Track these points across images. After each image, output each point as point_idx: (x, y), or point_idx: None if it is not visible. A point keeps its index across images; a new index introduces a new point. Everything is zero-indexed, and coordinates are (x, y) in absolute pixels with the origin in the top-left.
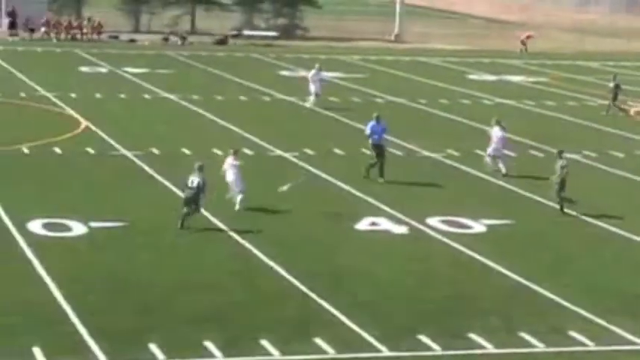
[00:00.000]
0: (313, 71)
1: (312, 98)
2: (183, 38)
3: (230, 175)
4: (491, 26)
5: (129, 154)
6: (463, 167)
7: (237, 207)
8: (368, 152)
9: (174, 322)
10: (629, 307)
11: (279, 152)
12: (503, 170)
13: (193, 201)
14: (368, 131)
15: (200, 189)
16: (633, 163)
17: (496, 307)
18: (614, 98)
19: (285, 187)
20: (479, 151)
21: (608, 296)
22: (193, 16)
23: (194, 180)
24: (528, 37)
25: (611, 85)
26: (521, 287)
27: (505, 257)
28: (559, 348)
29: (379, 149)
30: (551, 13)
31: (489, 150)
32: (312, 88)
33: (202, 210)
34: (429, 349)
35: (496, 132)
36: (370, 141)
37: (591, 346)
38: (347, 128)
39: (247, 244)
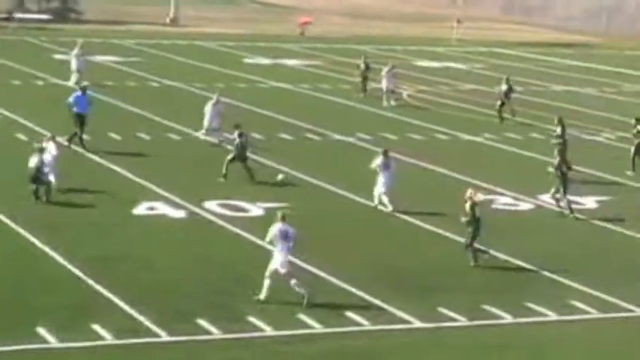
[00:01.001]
0: (76, 50)
1: (74, 76)
2: None
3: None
4: (267, 10)
5: None
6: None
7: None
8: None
9: None
10: (403, 286)
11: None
12: (216, 141)
13: (38, 180)
14: (71, 100)
15: (41, 167)
16: (405, 145)
17: (273, 289)
18: (365, 79)
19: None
20: (255, 135)
21: (383, 276)
22: None
23: (34, 160)
24: (305, 22)
25: (362, 66)
26: (299, 269)
27: None
28: (336, 328)
29: (82, 119)
30: None
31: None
32: (75, 65)
33: None
34: (208, 332)
35: (209, 107)
36: (74, 110)
37: (367, 325)
38: (122, 112)
39: (21, 230)
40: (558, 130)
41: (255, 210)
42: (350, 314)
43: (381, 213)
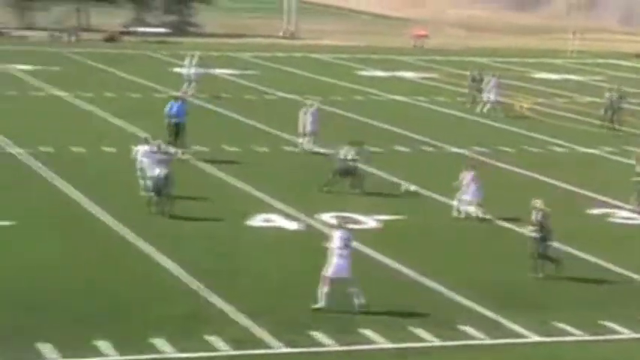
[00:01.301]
0: (193, 61)
1: (189, 86)
2: (74, 35)
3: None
4: (381, 23)
5: (18, 151)
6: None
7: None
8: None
9: (64, 321)
10: (520, 300)
11: (171, 149)
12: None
13: (161, 192)
14: (168, 110)
15: (166, 180)
16: (521, 157)
17: (389, 302)
18: (478, 90)
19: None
20: (372, 148)
21: (499, 290)
22: (84, 12)
23: (161, 172)
24: (420, 35)
25: (473, 77)
26: (413, 282)
27: (397, 252)
28: (451, 342)
29: (178, 128)
30: (443, 9)
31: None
32: (190, 76)
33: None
34: (322, 344)
35: (307, 114)
36: (172, 120)
37: (483, 339)
38: (239, 125)
39: (139, 242)
40: None
41: (370, 222)
42: (464, 327)
43: (494, 225)
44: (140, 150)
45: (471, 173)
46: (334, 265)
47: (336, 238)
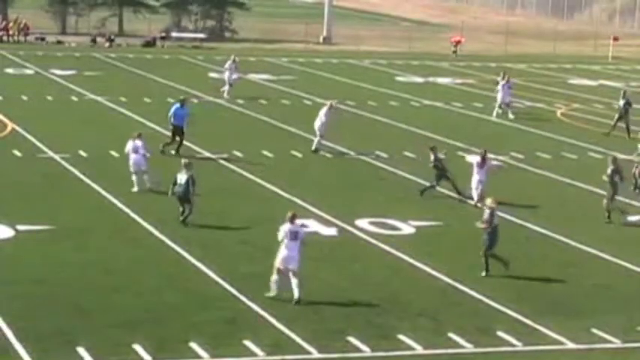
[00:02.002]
0: (229, 62)
1: (226, 87)
2: (111, 40)
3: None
4: (419, 28)
5: (56, 156)
6: (391, 169)
7: (147, 185)
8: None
9: (103, 325)
10: (556, 307)
11: (207, 154)
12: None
13: (185, 198)
14: (171, 112)
15: (189, 185)
16: (559, 164)
17: (425, 308)
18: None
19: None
20: (407, 153)
21: (536, 296)
22: (121, 17)
23: (182, 177)
24: (458, 41)
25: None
26: (449, 288)
27: (434, 258)
28: (487, 348)
29: (177, 130)
30: (479, 15)
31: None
32: (226, 78)
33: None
34: (358, 350)
35: (325, 113)
36: (171, 121)
37: (519, 346)
38: (276, 130)
39: (177, 247)
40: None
41: (407, 228)
42: (501, 334)
43: (535, 233)
44: (130, 145)
45: (477, 158)
46: (281, 255)
47: (283, 231)
